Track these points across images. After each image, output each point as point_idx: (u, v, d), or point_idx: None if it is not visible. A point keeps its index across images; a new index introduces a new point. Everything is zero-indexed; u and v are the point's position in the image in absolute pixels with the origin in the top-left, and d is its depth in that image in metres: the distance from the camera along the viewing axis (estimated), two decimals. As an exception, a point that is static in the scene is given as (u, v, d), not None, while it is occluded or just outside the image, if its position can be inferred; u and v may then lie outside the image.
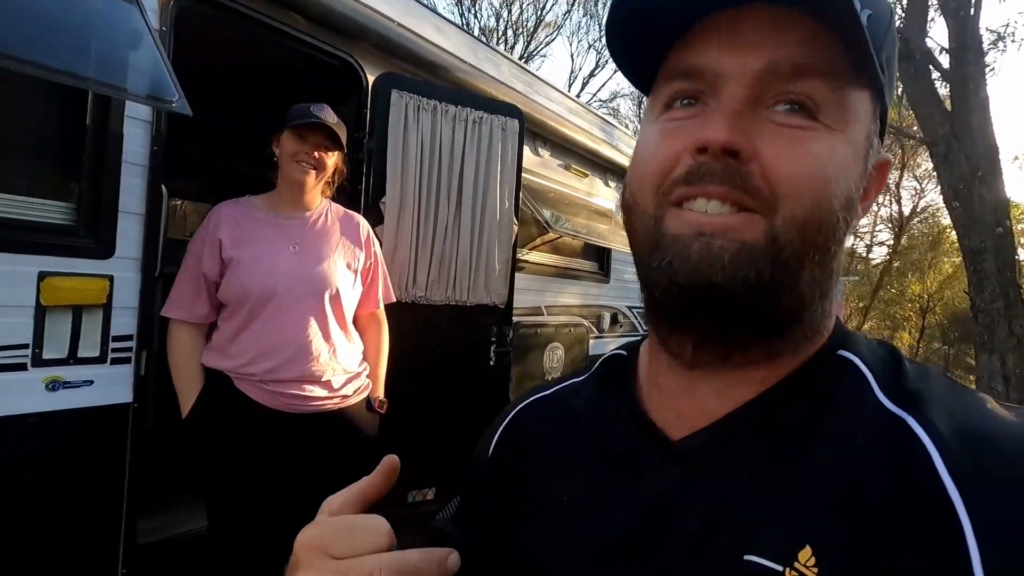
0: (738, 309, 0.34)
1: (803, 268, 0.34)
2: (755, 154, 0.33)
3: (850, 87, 0.34)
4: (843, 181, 0.34)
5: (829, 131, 0.33)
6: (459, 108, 2.17)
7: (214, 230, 1.50)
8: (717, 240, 0.33)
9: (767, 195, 0.33)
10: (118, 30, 1.19)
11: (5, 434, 1.27)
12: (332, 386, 1.60)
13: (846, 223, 0.35)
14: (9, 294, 1.28)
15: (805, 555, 0.30)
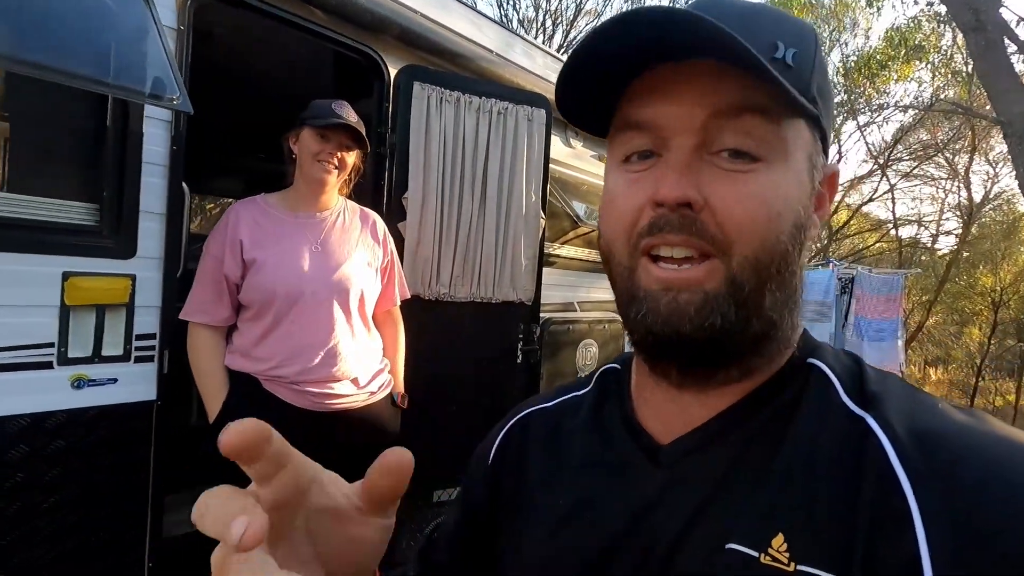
0: (709, 350, 0.38)
1: (764, 298, 0.38)
2: (705, 202, 0.36)
3: (785, 122, 0.37)
4: (788, 211, 0.37)
5: (770, 167, 0.37)
6: (483, 99, 2.10)
7: (233, 231, 1.49)
8: (683, 294, 0.37)
9: (721, 240, 0.36)
10: (123, 28, 1.18)
11: (34, 431, 1.31)
12: (359, 383, 1.61)
13: (799, 245, 0.38)
14: (34, 294, 1.31)
15: (778, 541, 0.34)
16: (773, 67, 0.33)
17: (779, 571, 0.33)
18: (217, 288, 1.48)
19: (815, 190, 0.39)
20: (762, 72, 0.33)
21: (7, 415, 1.27)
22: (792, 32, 0.38)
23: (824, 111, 0.39)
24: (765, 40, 0.36)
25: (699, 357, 0.39)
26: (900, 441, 0.34)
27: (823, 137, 0.40)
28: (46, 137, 1.38)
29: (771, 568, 0.33)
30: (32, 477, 1.30)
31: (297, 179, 1.58)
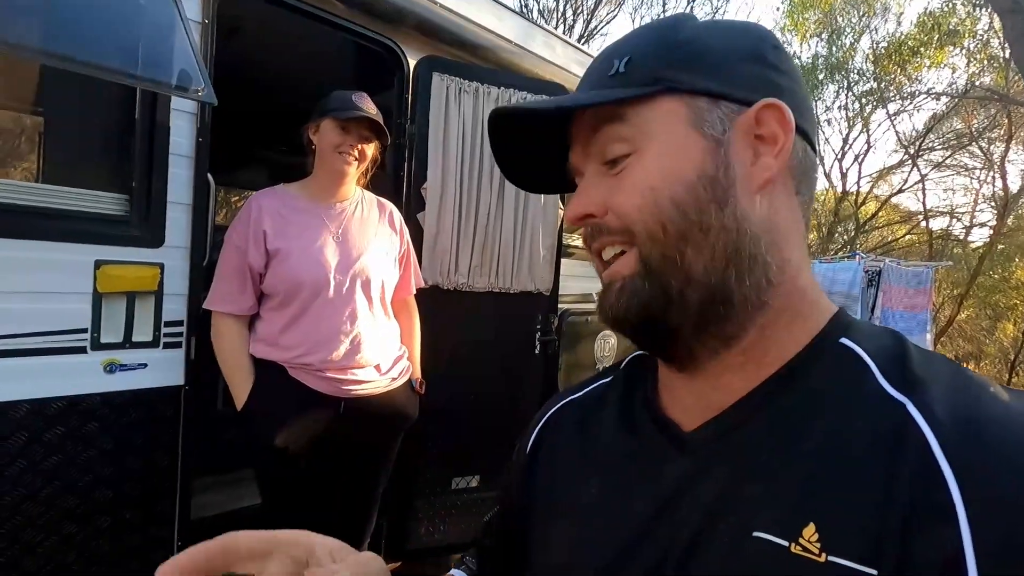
0: (651, 327, 0.41)
1: (682, 263, 0.39)
2: (606, 206, 0.42)
3: (634, 114, 0.41)
4: (671, 179, 0.40)
5: (638, 155, 0.41)
6: (501, 89, 2.10)
7: (256, 221, 1.52)
8: (613, 284, 0.42)
9: (623, 229, 0.41)
10: (149, 22, 1.21)
11: (69, 413, 1.36)
12: (381, 370, 1.64)
13: (712, 200, 0.39)
14: (69, 281, 1.36)
15: (809, 531, 0.33)
16: (612, 82, 0.41)
17: (809, 561, 0.32)
18: (241, 278, 1.51)
19: (721, 140, 0.40)
20: (584, 99, 0.42)
21: (46, 397, 1.32)
22: (629, 42, 0.43)
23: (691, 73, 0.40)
24: (603, 68, 0.43)
25: (655, 337, 0.42)
26: (943, 428, 0.32)
27: (705, 91, 0.40)
28: (78, 130, 1.42)
29: (801, 558, 0.33)
30: (68, 457, 1.36)
31: (317, 169, 1.61)
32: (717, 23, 0.44)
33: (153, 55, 1.19)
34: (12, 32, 1.09)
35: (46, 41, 1.13)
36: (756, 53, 0.42)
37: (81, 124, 1.43)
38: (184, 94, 1.26)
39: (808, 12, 11.60)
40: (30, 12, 1.14)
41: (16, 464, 1.29)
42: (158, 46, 1.20)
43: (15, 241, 1.28)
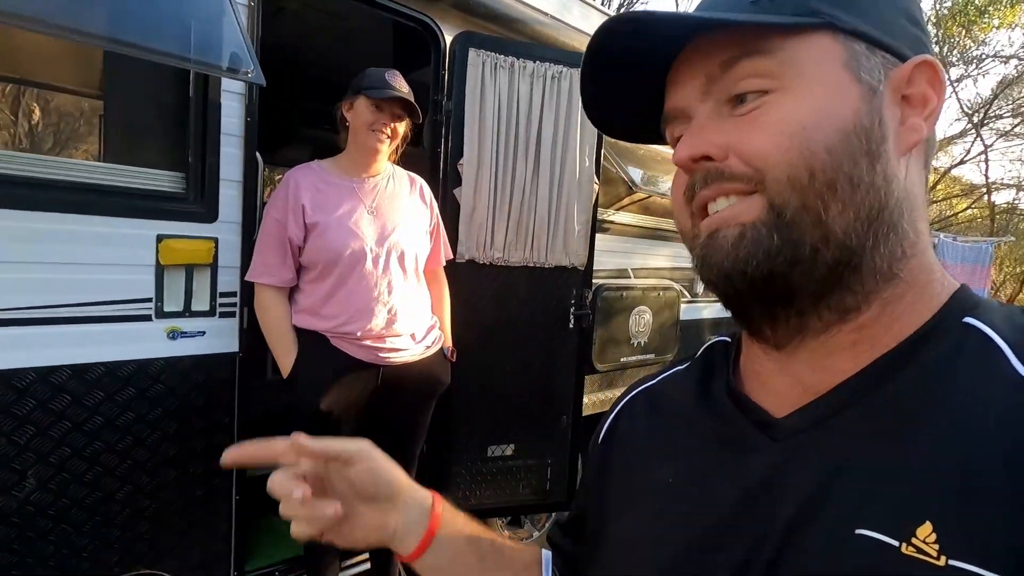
0: (764, 281, 0.36)
1: (822, 215, 0.35)
2: (728, 148, 0.37)
3: (784, 48, 0.36)
4: (824, 120, 0.35)
5: (782, 93, 0.36)
6: (537, 63, 2.10)
7: (295, 196, 1.59)
8: (722, 231, 0.37)
9: (753, 175, 0.36)
10: (200, 6, 1.28)
11: (139, 375, 1.49)
12: (416, 338, 1.72)
13: (865, 152, 0.35)
14: (134, 254, 1.47)
15: (924, 531, 0.30)
16: (754, 8, 0.36)
17: (926, 565, 0.29)
18: (282, 251, 1.59)
19: (876, 90, 0.36)
20: (726, 22, 0.36)
21: (119, 360, 1.45)
22: None
23: (851, 14, 0.36)
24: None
25: (762, 295, 0.37)
26: None
27: (865, 35, 0.36)
28: (137, 112, 1.52)
29: (915, 560, 0.29)
30: (139, 414, 1.49)
31: (350, 145, 1.67)
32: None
33: (205, 39, 1.26)
34: (75, 21, 1.17)
35: (106, 28, 1.21)
36: (911, 13, 0.39)
37: (140, 106, 1.52)
38: (235, 75, 1.33)
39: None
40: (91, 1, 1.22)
41: (95, 419, 1.42)
42: (209, 30, 1.27)
43: (86, 216, 1.39)
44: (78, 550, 1.43)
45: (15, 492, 1.33)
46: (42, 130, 1.40)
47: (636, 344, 2.89)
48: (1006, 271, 10.75)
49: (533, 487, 2.32)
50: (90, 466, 1.43)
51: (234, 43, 1.27)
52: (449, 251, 1.92)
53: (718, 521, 0.38)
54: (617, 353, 2.78)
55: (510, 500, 2.29)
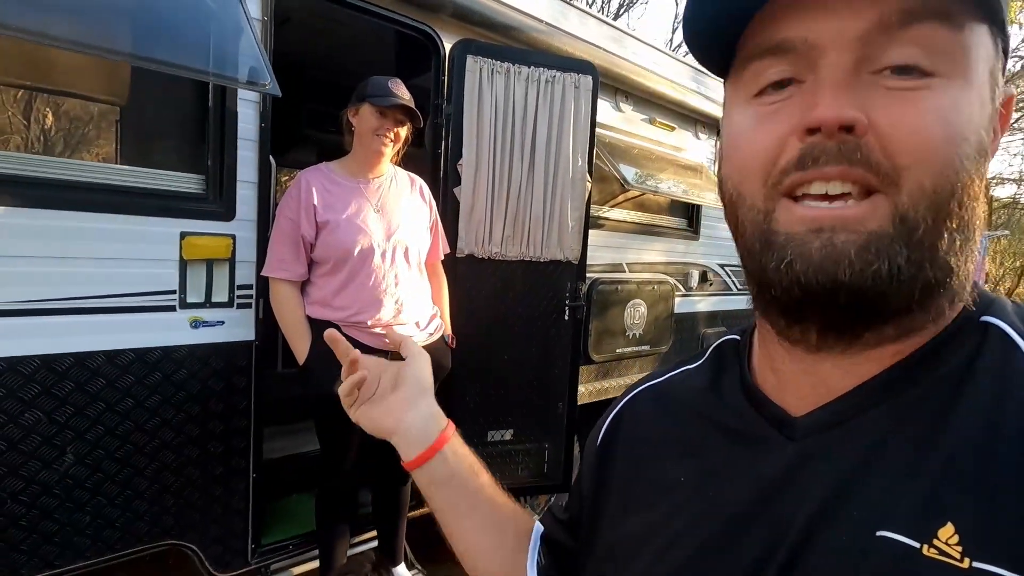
0: (871, 300, 0.32)
1: (941, 238, 0.32)
2: (872, 125, 0.30)
3: (967, 26, 0.31)
4: (971, 133, 0.31)
5: (948, 82, 0.31)
6: (532, 68, 2.22)
7: (307, 197, 1.72)
8: (840, 235, 0.31)
9: (888, 169, 0.30)
10: (218, 21, 1.41)
11: (164, 361, 1.62)
12: (420, 326, 1.85)
13: (980, 176, 0.32)
14: (161, 250, 1.60)
15: (947, 532, 0.29)
16: None
17: (949, 567, 0.28)
18: (295, 247, 1.72)
19: (996, 111, 0.33)
20: None
21: (146, 346, 1.58)
22: None
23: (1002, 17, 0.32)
24: None
25: (856, 312, 0.33)
26: None
27: (1005, 48, 0.33)
28: (162, 119, 1.65)
29: (938, 563, 0.29)
30: (164, 397, 1.62)
31: (356, 148, 1.80)
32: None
33: (225, 53, 1.38)
34: (104, 38, 1.30)
35: (137, 46, 1.34)
36: None
37: (164, 113, 1.65)
38: (253, 87, 1.46)
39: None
40: (117, 18, 1.35)
41: (126, 401, 1.56)
42: (229, 45, 1.40)
43: (117, 216, 1.52)
44: (111, 521, 1.56)
45: (56, 466, 1.46)
46: (74, 136, 1.53)
47: (631, 336, 3.00)
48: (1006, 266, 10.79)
49: (532, 470, 2.45)
50: (122, 443, 1.56)
51: (252, 57, 1.40)
52: (447, 246, 2.05)
53: (731, 520, 0.37)
54: (613, 344, 2.90)
55: (510, 482, 2.41)
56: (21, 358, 1.40)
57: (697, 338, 3.65)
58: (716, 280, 3.76)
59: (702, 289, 3.64)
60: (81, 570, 1.53)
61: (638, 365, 3.13)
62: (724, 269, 3.83)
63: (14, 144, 1.54)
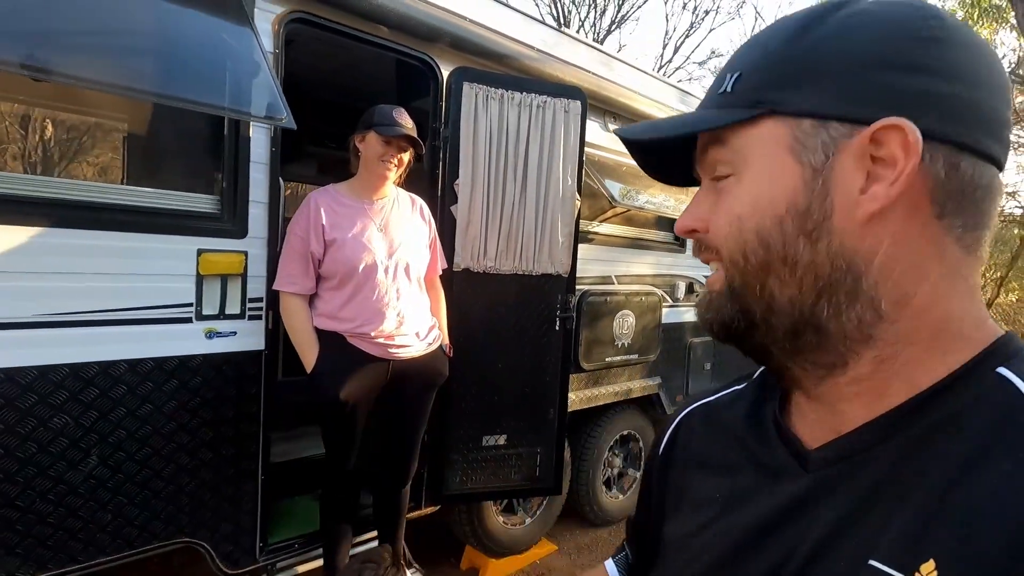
0: (731, 339, 0.43)
1: (762, 292, 0.40)
2: (708, 224, 0.42)
3: (735, 137, 0.40)
4: (761, 209, 0.39)
5: (737, 179, 0.41)
6: (524, 94, 2.37)
7: (315, 216, 1.85)
8: (706, 294, 0.45)
9: (716, 247, 0.42)
10: (240, 59, 1.54)
11: (182, 370, 1.73)
12: (420, 336, 1.99)
13: (800, 235, 0.38)
14: (179, 266, 1.72)
15: (928, 568, 0.31)
16: (719, 100, 0.41)
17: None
18: (304, 263, 1.85)
19: (821, 168, 0.37)
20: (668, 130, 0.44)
21: (165, 356, 1.70)
22: (747, 52, 0.41)
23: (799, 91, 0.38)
24: (715, 84, 0.43)
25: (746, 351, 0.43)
26: None
27: (812, 113, 0.37)
28: (180, 144, 1.78)
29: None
30: (181, 403, 1.74)
31: (362, 172, 1.94)
32: (870, 11, 0.37)
33: (243, 89, 1.52)
34: (126, 76, 1.42)
35: (156, 83, 1.47)
36: (898, 55, 0.36)
37: (181, 139, 1.78)
38: (271, 122, 1.59)
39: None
40: (139, 57, 1.48)
41: (145, 406, 1.67)
42: (247, 81, 1.54)
43: (139, 235, 1.64)
44: (130, 519, 1.67)
45: (81, 467, 1.57)
46: (99, 160, 1.66)
47: (620, 345, 3.14)
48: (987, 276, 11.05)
49: (524, 474, 2.57)
50: (141, 446, 1.67)
51: (269, 92, 1.53)
52: (444, 261, 2.18)
53: (747, 541, 0.41)
54: (602, 353, 3.03)
55: (503, 485, 2.53)
56: (51, 367, 1.52)
57: (684, 347, 3.79)
58: (702, 291, 3.91)
59: (689, 300, 3.78)
60: (98, 567, 1.63)
61: (627, 373, 3.26)
62: (709, 281, 3.97)
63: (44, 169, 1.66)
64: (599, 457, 3.28)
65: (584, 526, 3.34)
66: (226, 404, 1.83)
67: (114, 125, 1.65)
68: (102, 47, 1.39)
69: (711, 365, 4.04)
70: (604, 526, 3.39)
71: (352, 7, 1.97)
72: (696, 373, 3.90)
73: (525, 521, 2.94)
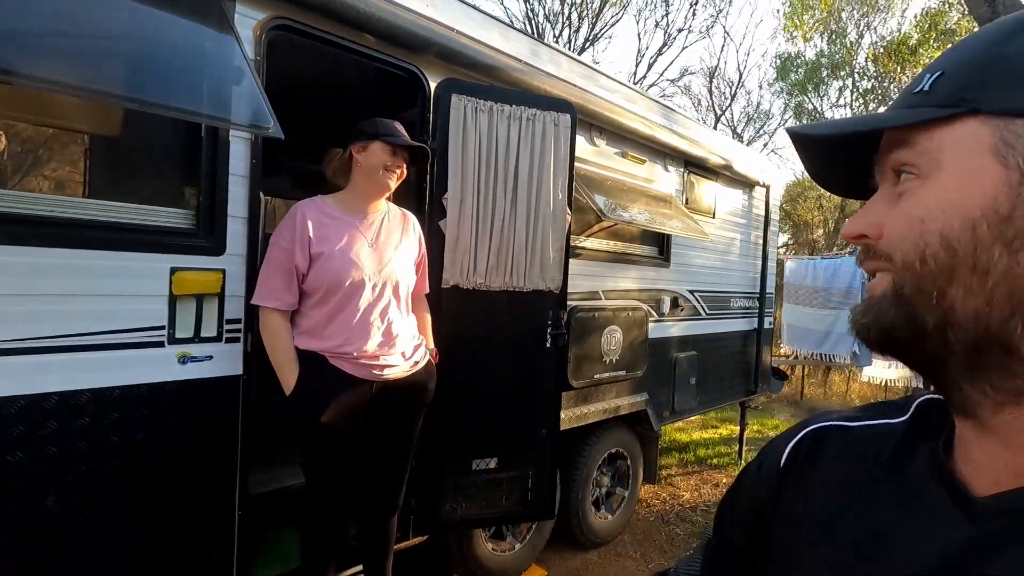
0: (895, 350, 0.39)
1: (940, 301, 0.36)
2: (882, 230, 0.40)
3: (926, 140, 0.38)
4: (951, 212, 0.36)
5: (922, 182, 0.38)
6: (513, 107, 2.32)
7: (302, 228, 1.75)
8: (864, 300, 0.42)
9: (887, 255, 0.39)
10: (221, 66, 1.45)
11: (151, 398, 1.60)
12: (406, 356, 1.89)
13: (996, 241, 0.35)
14: (150, 285, 1.59)
15: None
16: (913, 99, 0.39)
17: None
18: (288, 277, 1.74)
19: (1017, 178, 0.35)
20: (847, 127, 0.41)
21: (132, 384, 1.56)
22: (953, 52, 0.40)
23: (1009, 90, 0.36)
24: (912, 84, 0.41)
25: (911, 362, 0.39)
26: None
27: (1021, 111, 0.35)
28: (154, 155, 1.66)
29: None
30: (152, 433, 1.59)
31: (358, 182, 1.85)
32: None
33: (227, 98, 1.42)
34: (106, 81, 1.32)
35: (135, 88, 1.36)
36: None
37: (156, 150, 1.66)
38: (256, 131, 1.49)
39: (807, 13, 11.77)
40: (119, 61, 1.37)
41: (110, 439, 1.52)
42: (231, 89, 1.44)
43: (107, 252, 1.51)
44: (99, 557, 1.51)
45: (37, 509, 1.42)
46: (63, 173, 1.53)
47: (608, 361, 3.09)
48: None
49: (515, 498, 2.47)
50: (109, 481, 1.52)
51: (254, 100, 1.44)
52: (427, 286, 2.11)
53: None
54: (591, 370, 2.97)
55: (495, 511, 2.43)
56: (4, 399, 1.37)
57: (670, 363, 3.76)
58: (687, 306, 3.90)
59: (674, 315, 3.77)
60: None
61: (615, 390, 3.21)
62: (693, 295, 3.98)
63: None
64: (588, 477, 3.20)
65: (573, 549, 3.25)
66: (202, 433, 1.70)
67: (76, 135, 1.52)
68: (73, 50, 1.28)
69: (695, 380, 4.03)
70: (594, 548, 3.31)
71: (338, 14, 1.89)
72: (681, 388, 3.88)
73: (514, 547, 2.84)
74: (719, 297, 4.30)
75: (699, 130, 3.94)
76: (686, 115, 3.92)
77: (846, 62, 11.69)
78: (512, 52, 2.48)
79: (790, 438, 0.52)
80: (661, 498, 4.22)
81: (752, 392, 4.76)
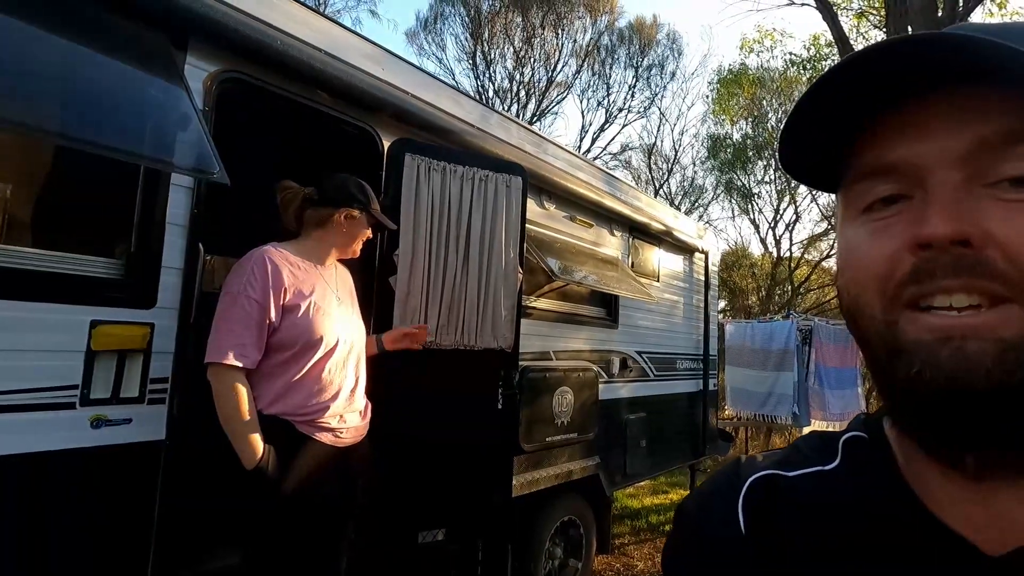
0: (1014, 415, 0.30)
1: None
2: (989, 237, 0.30)
3: None
4: None
5: None
6: (467, 168, 2.36)
7: (276, 278, 1.58)
8: (971, 343, 0.30)
9: (1017, 279, 0.30)
10: (168, 112, 1.40)
11: (54, 467, 1.41)
12: (364, 415, 1.80)
13: None
14: (64, 340, 1.44)
15: None
16: None
17: None
18: (259, 332, 1.53)
19: None
20: None
21: (32, 452, 1.37)
22: None
23: None
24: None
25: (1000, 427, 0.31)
26: None
27: None
28: (80, 200, 1.56)
29: None
30: (52, 510, 1.39)
31: (327, 239, 1.77)
32: None
33: (171, 141, 1.37)
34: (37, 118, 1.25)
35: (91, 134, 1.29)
36: None
37: (82, 193, 1.57)
38: (203, 175, 1.43)
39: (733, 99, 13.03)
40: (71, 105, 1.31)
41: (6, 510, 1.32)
42: (180, 136, 1.39)
43: (15, 302, 1.37)
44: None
45: None
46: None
47: (560, 424, 3.02)
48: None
49: (465, 573, 2.30)
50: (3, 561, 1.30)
51: (199, 145, 1.39)
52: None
53: None
54: (543, 433, 2.89)
55: (441, 589, 2.25)
56: None
57: (621, 424, 3.74)
58: (635, 367, 3.94)
59: (623, 376, 3.79)
60: None
61: (567, 453, 3.13)
62: (642, 356, 4.03)
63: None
64: (540, 548, 3.04)
65: (526, 630, 3.03)
66: (114, 506, 1.50)
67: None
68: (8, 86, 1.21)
69: (646, 442, 4.00)
70: (547, 628, 3.10)
71: (292, 71, 1.90)
72: (633, 451, 3.84)
73: (463, 629, 2.62)
74: (666, 359, 4.37)
75: (643, 198, 4.14)
76: (630, 184, 4.12)
77: (768, 143, 12.89)
78: (464, 116, 2.56)
79: (735, 497, 0.43)
80: (615, 569, 4.06)
81: (700, 454, 4.77)
